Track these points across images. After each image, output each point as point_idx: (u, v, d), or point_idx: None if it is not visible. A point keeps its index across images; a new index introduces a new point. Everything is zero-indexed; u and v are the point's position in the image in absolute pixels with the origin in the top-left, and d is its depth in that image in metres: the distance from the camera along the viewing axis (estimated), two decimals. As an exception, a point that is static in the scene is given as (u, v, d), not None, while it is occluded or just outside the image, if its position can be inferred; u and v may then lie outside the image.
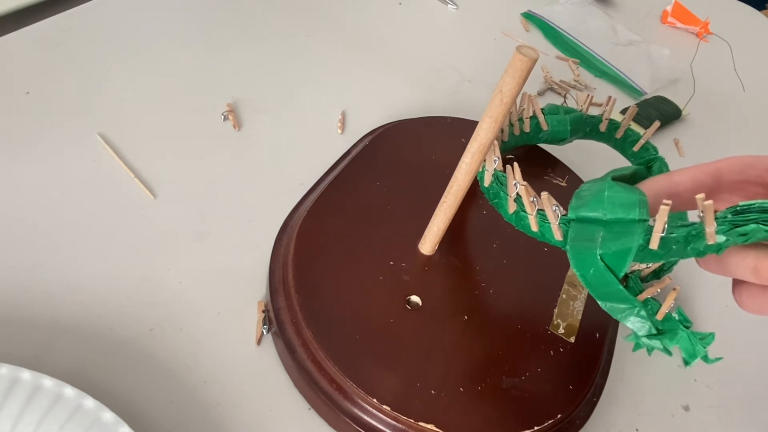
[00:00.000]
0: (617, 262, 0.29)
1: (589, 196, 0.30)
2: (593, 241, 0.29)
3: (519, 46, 0.31)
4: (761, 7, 0.93)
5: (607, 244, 0.29)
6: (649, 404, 0.40)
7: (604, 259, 0.29)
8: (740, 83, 0.70)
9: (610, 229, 0.29)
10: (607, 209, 0.29)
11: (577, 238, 0.30)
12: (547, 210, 0.32)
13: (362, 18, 0.64)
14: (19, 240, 0.38)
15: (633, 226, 0.29)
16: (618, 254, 0.28)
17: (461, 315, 0.37)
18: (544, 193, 0.32)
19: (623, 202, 0.29)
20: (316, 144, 0.49)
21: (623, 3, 0.80)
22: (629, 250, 0.28)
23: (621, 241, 0.29)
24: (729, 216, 0.27)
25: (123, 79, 0.50)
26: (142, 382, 0.34)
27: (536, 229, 0.33)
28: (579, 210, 0.31)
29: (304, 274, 0.37)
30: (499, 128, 0.34)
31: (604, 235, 0.29)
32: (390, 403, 0.32)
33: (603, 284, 0.29)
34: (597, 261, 0.29)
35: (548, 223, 0.32)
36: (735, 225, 0.27)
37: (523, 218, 0.34)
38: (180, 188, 0.44)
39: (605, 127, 0.47)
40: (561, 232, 0.32)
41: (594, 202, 0.30)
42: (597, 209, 0.30)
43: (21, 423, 0.29)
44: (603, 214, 0.29)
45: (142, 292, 0.38)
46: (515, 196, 0.34)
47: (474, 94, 0.59)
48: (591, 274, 0.29)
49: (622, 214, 0.29)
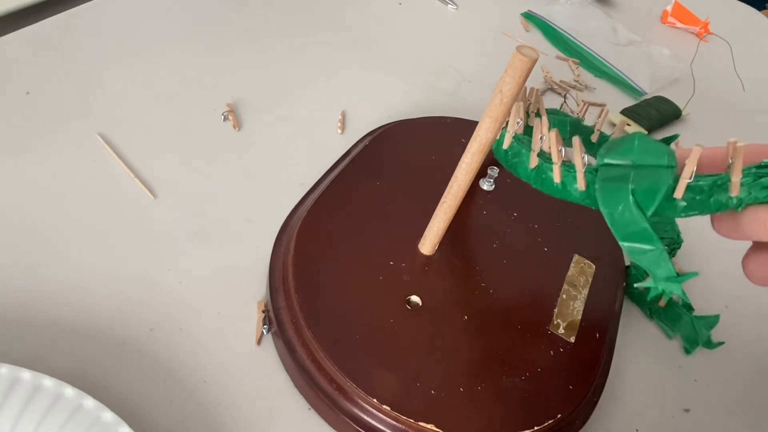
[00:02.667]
0: (647, 200, 0.29)
1: (617, 144, 0.31)
2: (624, 180, 0.29)
3: (519, 46, 0.31)
4: (761, 7, 0.93)
5: (639, 181, 0.29)
6: (649, 404, 0.40)
7: (635, 194, 0.29)
8: (740, 83, 0.70)
9: (640, 171, 0.29)
10: (636, 156, 0.30)
11: (607, 178, 0.30)
12: (576, 156, 0.32)
13: (362, 18, 0.64)
14: (19, 240, 0.38)
15: (662, 171, 0.29)
16: (648, 191, 0.29)
17: (461, 315, 0.37)
18: (575, 137, 0.32)
19: (653, 150, 0.29)
20: (316, 144, 0.49)
21: (623, 3, 0.80)
22: (659, 189, 0.29)
23: (652, 179, 0.29)
24: (754, 169, 0.28)
25: (123, 79, 0.50)
26: (142, 382, 0.34)
27: (559, 180, 0.33)
28: (608, 156, 0.31)
29: (304, 274, 0.37)
30: (499, 128, 0.34)
31: (634, 175, 0.29)
32: (390, 403, 0.32)
33: (630, 222, 0.29)
34: (627, 196, 0.29)
35: (573, 173, 0.32)
36: (758, 177, 0.27)
37: (546, 170, 0.34)
38: (180, 188, 0.44)
39: (596, 138, 0.47)
40: (585, 182, 0.32)
41: (623, 149, 0.30)
42: (626, 156, 0.30)
43: (21, 423, 0.29)
44: (632, 161, 0.30)
45: (142, 292, 0.38)
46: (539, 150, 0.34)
47: (474, 94, 0.59)
48: (619, 212, 0.29)
49: (652, 160, 0.29)
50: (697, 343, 0.41)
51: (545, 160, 0.34)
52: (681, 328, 0.41)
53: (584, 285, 0.41)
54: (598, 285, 0.41)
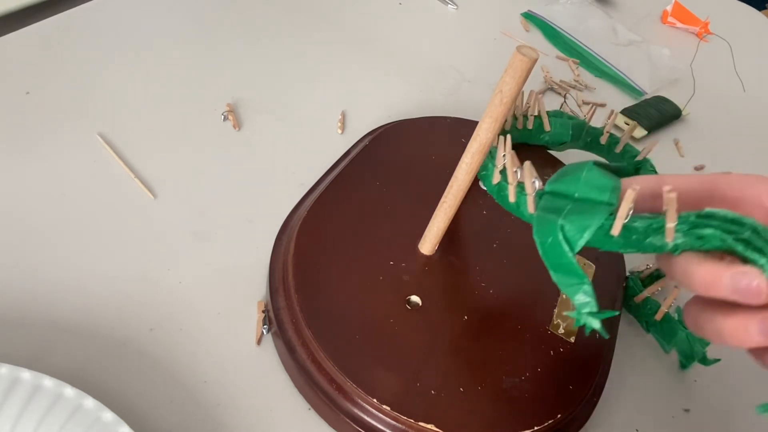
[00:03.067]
0: (575, 236, 0.29)
1: (566, 174, 0.31)
2: (559, 212, 0.30)
3: (519, 46, 0.31)
4: (761, 7, 0.93)
5: (570, 217, 0.30)
6: (649, 404, 0.40)
7: (564, 230, 0.30)
8: (740, 83, 0.70)
9: (577, 206, 0.30)
10: (580, 189, 0.30)
11: (545, 208, 0.31)
12: (526, 180, 0.32)
13: (362, 18, 0.64)
14: (19, 240, 0.38)
15: (599, 207, 0.29)
16: (578, 228, 0.29)
17: (461, 315, 0.37)
18: (526, 162, 0.32)
19: (597, 185, 0.30)
20: (316, 144, 0.49)
21: (623, 3, 0.80)
22: (589, 227, 0.29)
23: (584, 217, 0.29)
24: (692, 217, 0.28)
25: (123, 79, 0.50)
26: (142, 382, 0.34)
27: (513, 200, 0.34)
28: (554, 184, 0.31)
29: (304, 274, 0.37)
30: (499, 128, 0.34)
31: (570, 208, 0.30)
32: (390, 403, 0.32)
33: (558, 255, 0.30)
34: (557, 231, 0.30)
35: (525, 195, 0.33)
36: (695, 226, 0.28)
37: (504, 188, 0.35)
38: (180, 188, 0.44)
39: (606, 140, 0.47)
40: (535, 205, 0.32)
41: (570, 179, 0.31)
42: (571, 187, 0.31)
43: (21, 423, 0.29)
44: (575, 193, 0.30)
45: (142, 292, 0.38)
46: (501, 168, 0.35)
47: (474, 94, 0.59)
48: (549, 243, 0.30)
49: (594, 195, 0.30)
50: (693, 359, 0.40)
51: (504, 179, 0.35)
52: (677, 343, 0.41)
53: (584, 285, 0.41)
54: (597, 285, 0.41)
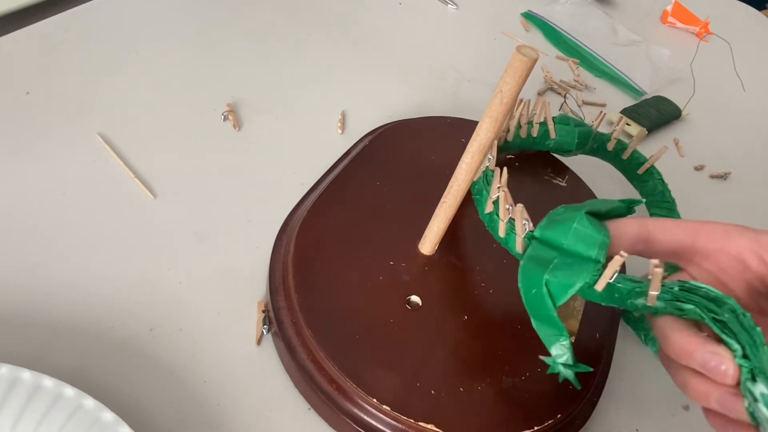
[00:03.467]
0: (559, 292, 0.30)
1: (558, 222, 0.31)
2: (545, 266, 0.30)
3: (519, 46, 0.31)
4: (761, 7, 0.93)
5: (556, 273, 0.30)
6: (649, 404, 0.40)
7: (549, 285, 0.30)
8: (740, 83, 0.70)
9: (564, 259, 0.30)
10: (570, 240, 0.31)
11: (532, 257, 0.31)
12: (516, 221, 0.33)
13: (362, 18, 0.64)
14: (19, 240, 0.38)
15: (586, 264, 0.30)
16: (562, 285, 0.30)
17: (461, 315, 0.37)
18: (519, 204, 0.33)
19: (586, 239, 0.30)
20: (316, 144, 0.49)
21: (623, 3, 0.80)
22: (573, 285, 0.29)
23: (570, 273, 0.30)
24: (675, 288, 0.28)
25: (123, 79, 0.50)
26: (142, 382, 0.34)
27: (503, 236, 0.34)
28: (544, 231, 0.32)
29: (304, 274, 0.37)
30: (499, 128, 0.34)
31: (557, 262, 0.30)
32: (390, 403, 0.32)
33: (540, 306, 0.30)
34: (541, 285, 0.30)
35: (515, 234, 0.33)
36: (677, 299, 0.28)
37: (495, 222, 0.35)
38: (180, 188, 0.44)
39: (613, 146, 0.47)
40: (523, 246, 0.33)
41: (561, 229, 0.31)
42: (561, 237, 0.31)
43: (21, 423, 0.29)
44: (564, 244, 0.31)
45: (142, 292, 0.38)
46: (495, 199, 0.35)
47: (474, 94, 0.59)
48: (532, 294, 0.31)
49: (582, 249, 0.30)
50: None
51: (496, 212, 0.35)
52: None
53: (584, 285, 0.41)
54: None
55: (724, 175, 0.58)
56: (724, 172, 0.58)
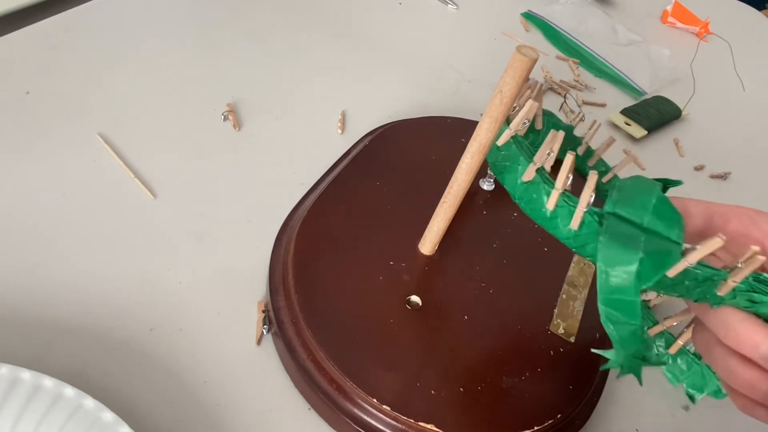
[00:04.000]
0: (649, 274, 0.26)
1: (634, 195, 0.28)
2: (636, 243, 0.27)
3: (519, 46, 0.31)
4: (761, 7, 0.93)
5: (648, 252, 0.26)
6: (649, 404, 0.40)
7: (642, 264, 0.26)
8: (740, 83, 0.70)
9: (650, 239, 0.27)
10: (651, 218, 0.27)
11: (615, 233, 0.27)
12: (585, 191, 0.28)
13: (362, 18, 0.64)
14: (19, 240, 0.38)
15: (671, 246, 0.26)
16: (654, 267, 0.26)
17: (461, 315, 0.37)
18: (593, 171, 0.29)
19: (667, 218, 0.27)
20: (316, 144, 0.49)
21: (623, 3, 0.80)
22: (665, 266, 0.26)
23: (660, 255, 0.26)
24: (750, 279, 0.26)
25: (123, 78, 0.50)
26: (142, 382, 0.34)
27: (552, 208, 0.30)
28: (621, 207, 0.28)
29: (304, 274, 0.37)
30: (499, 128, 0.34)
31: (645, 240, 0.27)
32: (390, 403, 0.32)
33: (620, 290, 0.27)
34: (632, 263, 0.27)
35: (570, 206, 0.29)
36: (752, 290, 0.26)
37: (539, 191, 0.30)
38: (180, 188, 0.44)
39: (582, 151, 0.46)
40: (580, 223, 0.29)
41: (640, 204, 0.27)
42: (641, 214, 0.27)
43: (21, 423, 0.29)
44: (645, 222, 0.27)
45: (142, 292, 0.38)
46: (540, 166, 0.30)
47: (474, 94, 0.59)
48: (615, 274, 0.27)
49: (662, 229, 0.27)
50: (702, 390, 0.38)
51: (544, 179, 0.31)
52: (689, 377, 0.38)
53: (584, 285, 0.41)
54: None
55: (724, 175, 0.58)
56: (724, 172, 0.58)
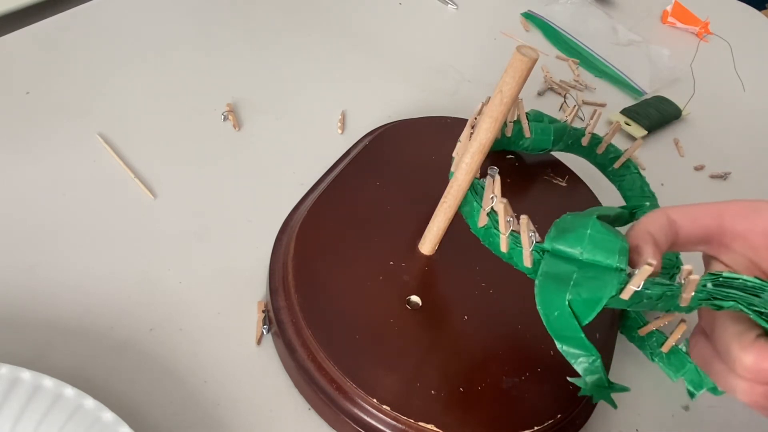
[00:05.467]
0: (585, 311, 0.27)
1: (569, 230, 0.29)
2: (564, 283, 0.28)
3: (519, 46, 0.31)
4: (761, 7, 0.93)
5: (579, 290, 0.27)
6: (649, 404, 0.40)
7: (572, 304, 0.28)
8: (740, 83, 0.70)
9: (584, 272, 0.28)
10: (586, 248, 0.28)
11: (548, 273, 0.29)
12: (523, 235, 0.30)
13: (362, 18, 0.64)
14: (19, 240, 0.38)
15: (609, 274, 0.27)
16: (588, 302, 0.27)
17: (461, 315, 0.37)
18: (524, 216, 0.30)
19: (605, 246, 0.28)
20: (316, 144, 0.49)
21: (623, 3, 0.80)
22: (600, 300, 0.27)
23: (594, 288, 0.27)
24: (709, 285, 0.26)
25: (123, 79, 0.50)
26: (142, 382, 0.34)
27: (506, 251, 0.32)
28: (557, 242, 0.29)
29: (304, 274, 0.37)
30: (499, 128, 0.34)
31: (577, 278, 0.28)
32: (390, 403, 0.32)
33: (565, 328, 0.28)
34: (564, 305, 0.28)
35: (520, 248, 0.31)
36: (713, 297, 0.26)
37: (493, 236, 0.32)
38: (180, 188, 0.44)
39: (587, 141, 0.46)
40: (532, 260, 0.30)
41: (574, 237, 0.28)
42: (576, 246, 0.28)
43: (21, 423, 0.29)
44: (580, 253, 0.28)
45: (142, 292, 0.38)
46: (489, 210, 0.32)
47: (474, 94, 0.59)
48: (555, 316, 0.28)
49: (601, 257, 0.28)
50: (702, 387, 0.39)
51: (494, 223, 0.32)
52: (685, 374, 0.39)
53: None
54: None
55: (724, 175, 0.58)
56: (724, 172, 0.58)
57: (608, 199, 0.47)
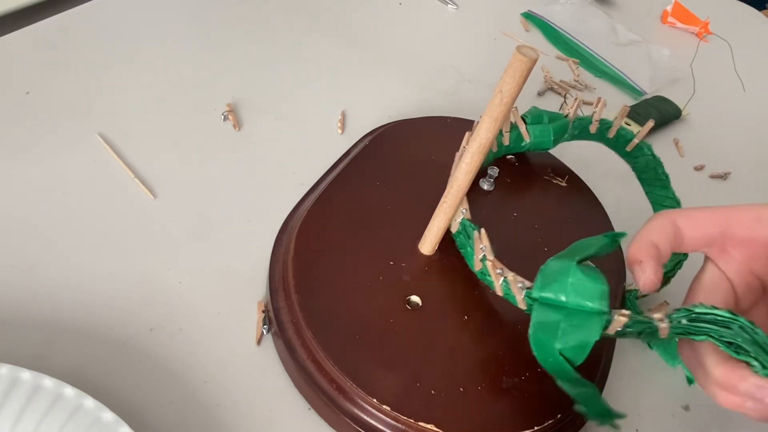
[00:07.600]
0: (575, 355, 0.30)
1: (552, 278, 0.32)
2: (553, 334, 0.31)
3: (519, 46, 0.31)
4: (761, 7, 0.93)
5: (566, 339, 0.30)
6: (649, 404, 0.40)
7: (563, 352, 0.30)
8: (740, 83, 0.70)
9: (570, 320, 0.31)
10: (569, 296, 0.31)
11: (538, 324, 0.32)
12: (513, 288, 0.34)
13: (362, 18, 0.64)
14: (19, 240, 0.38)
15: (592, 318, 0.30)
16: (576, 348, 0.30)
17: (461, 315, 0.37)
18: (510, 273, 0.34)
19: (585, 292, 0.30)
20: (316, 144, 0.49)
21: (623, 3, 0.80)
22: (587, 345, 0.30)
23: (580, 334, 0.30)
24: (684, 321, 0.29)
25: (123, 79, 0.50)
26: (142, 382, 0.34)
27: (501, 295, 0.35)
28: (543, 291, 0.32)
29: (304, 274, 0.37)
30: (499, 128, 0.34)
31: (563, 327, 0.30)
32: (390, 403, 0.32)
33: (560, 371, 0.31)
34: (556, 353, 0.31)
35: (513, 294, 0.34)
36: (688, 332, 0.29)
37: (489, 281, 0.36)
38: (180, 188, 0.44)
39: (596, 128, 0.46)
40: (525, 304, 0.33)
41: (558, 286, 0.31)
42: (560, 294, 0.31)
43: (21, 423, 0.29)
44: (566, 300, 0.31)
45: (142, 292, 0.38)
46: (481, 257, 0.36)
47: (474, 94, 0.59)
48: (549, 362, 0.31)
49: (584, 303, 0.30)
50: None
51: (486, 272, 0.36)
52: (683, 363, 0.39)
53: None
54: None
55: (724, 175, 0.58)
56: (724, 172, 0.58)
57: (608, 200, 0.47)
